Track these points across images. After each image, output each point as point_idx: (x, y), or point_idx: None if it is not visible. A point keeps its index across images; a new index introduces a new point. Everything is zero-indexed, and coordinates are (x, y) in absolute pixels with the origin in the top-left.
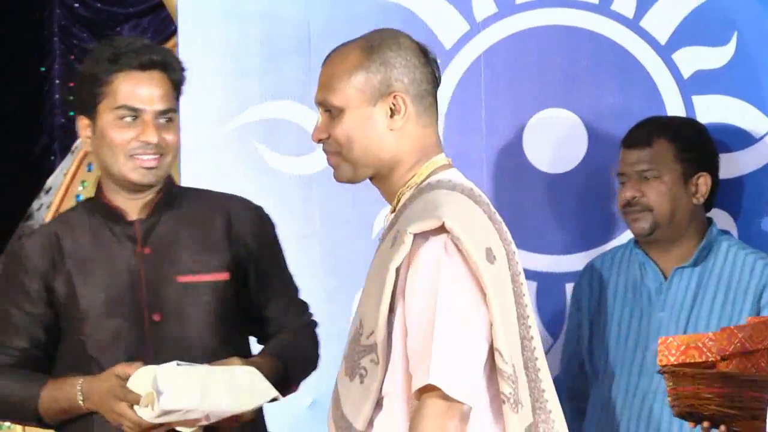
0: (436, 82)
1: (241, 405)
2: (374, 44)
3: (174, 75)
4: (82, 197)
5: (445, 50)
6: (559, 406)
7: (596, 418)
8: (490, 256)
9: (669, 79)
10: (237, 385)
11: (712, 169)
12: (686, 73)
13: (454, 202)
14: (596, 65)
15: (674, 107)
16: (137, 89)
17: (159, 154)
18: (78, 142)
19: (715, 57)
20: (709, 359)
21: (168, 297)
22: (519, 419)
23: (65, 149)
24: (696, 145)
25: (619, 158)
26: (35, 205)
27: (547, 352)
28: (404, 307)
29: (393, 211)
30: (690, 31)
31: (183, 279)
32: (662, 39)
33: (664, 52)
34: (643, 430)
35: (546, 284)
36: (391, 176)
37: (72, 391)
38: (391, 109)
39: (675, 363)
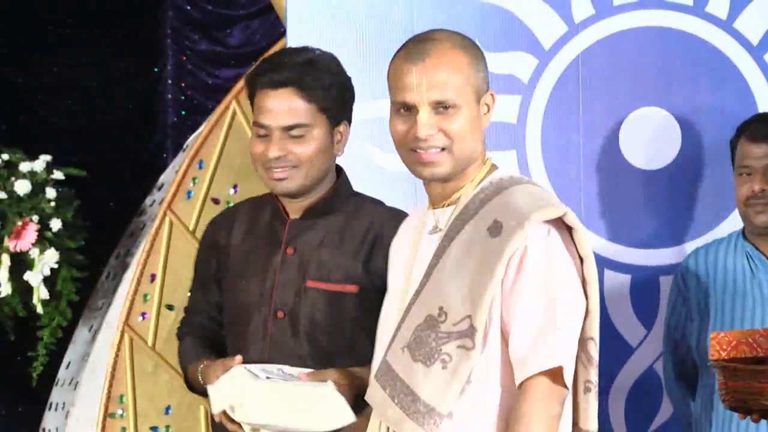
0: None
1: (316, 427)
2: (468, 44)
3: (308, 91)
4: (193, 193)
5: (544, 50)
6: None
7: (703, 403)
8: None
9: (761, 78)
10: (316, 408)
11: None
12: None
13: (555, 197)
14: (690, 65)
15: (765, 105)
16: (267, 107)
17: (289, 167)
18: (190, 140)
19: None
20: (759, 354)
21: (294, 298)
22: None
23: (177, 147)
24: None
25: (739, 152)
26: (148, 200)
27: (641, 342)
28: (510, 292)
29: (444, 206)
30: None
31: (312, 284)
32: (754, 40)
33: (756, 52)
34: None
35: (640, 276)
36: (464, 173)
37: (196, 371)
38: (488, 105)
39: (726, 358)
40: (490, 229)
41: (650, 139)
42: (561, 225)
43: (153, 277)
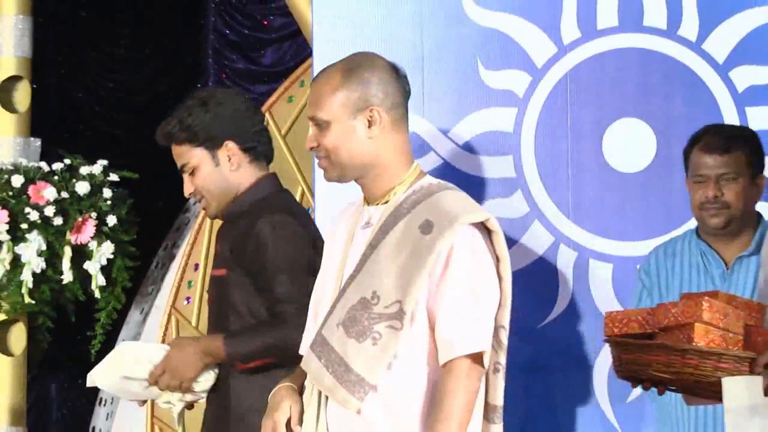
0: (406, 95)
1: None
2: (352, 66)
3: (176, 138)
4: None
5: (537, 68)
6: None
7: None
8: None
9: (725, 93)
10: (117, 363)
11: (763, 170)
12: (740, 88)
13: (471, 201)
14: (665, 81)
15: (730, 117)
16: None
17: (200, 198)
18: None
19: (765, 74)
20: (647, 331)
21: (210, 286)
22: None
23: None
24: (759, 152)
25: (693, 161)
26: (191, 200)
27: None
28: (438, 283)
29: (377, 204)
30: (744, 53)
31: (212, 273)
32: (720, 59)
33: (722, 70)
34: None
35: (620, 266)
36: (382, 177)
37: None
38: (368, 120)
39: (618, 333)
40: (422, 227)
41: (629, 146)
42: (483, 228)
43: (196, 266)
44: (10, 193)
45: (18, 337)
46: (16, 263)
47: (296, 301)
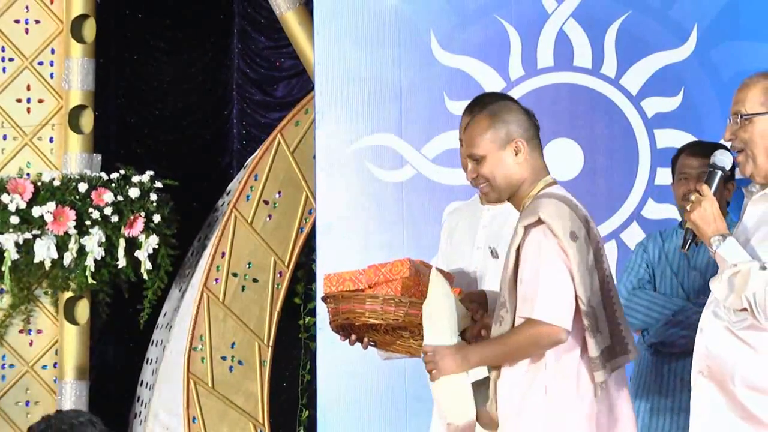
0: (537, 127)
1: None
2: (496, 110)
3: None
4: (251, 197)
5: None
6: (631, 331)
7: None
8: (574, 237)
9: (638, 118)
10: None
11: (733, 178)
12: (650, 114)
13: (548, 204)
14: (590, 109)
15: (641, 138)
16: None
17: None
18: (248, 161)
19: (669, 103)
20: (359, 287)
21: None
22: (596, 342)
23: (240, 165)
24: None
25: (680, 164)
26: (220, 202)
27: None
28: (520, 273)
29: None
30: (652, 87)
31: None
32: (634, 92)
33: (635, 100)
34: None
35: None
36: (519, 193)
37: None
38: (515, 150)
39: (336, 291)
40: (514, 231)
41: (563, 159)
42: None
43: (223, 254)
44: (77, 197)
45: (83, 310)
46: (82, 252)
47: None
